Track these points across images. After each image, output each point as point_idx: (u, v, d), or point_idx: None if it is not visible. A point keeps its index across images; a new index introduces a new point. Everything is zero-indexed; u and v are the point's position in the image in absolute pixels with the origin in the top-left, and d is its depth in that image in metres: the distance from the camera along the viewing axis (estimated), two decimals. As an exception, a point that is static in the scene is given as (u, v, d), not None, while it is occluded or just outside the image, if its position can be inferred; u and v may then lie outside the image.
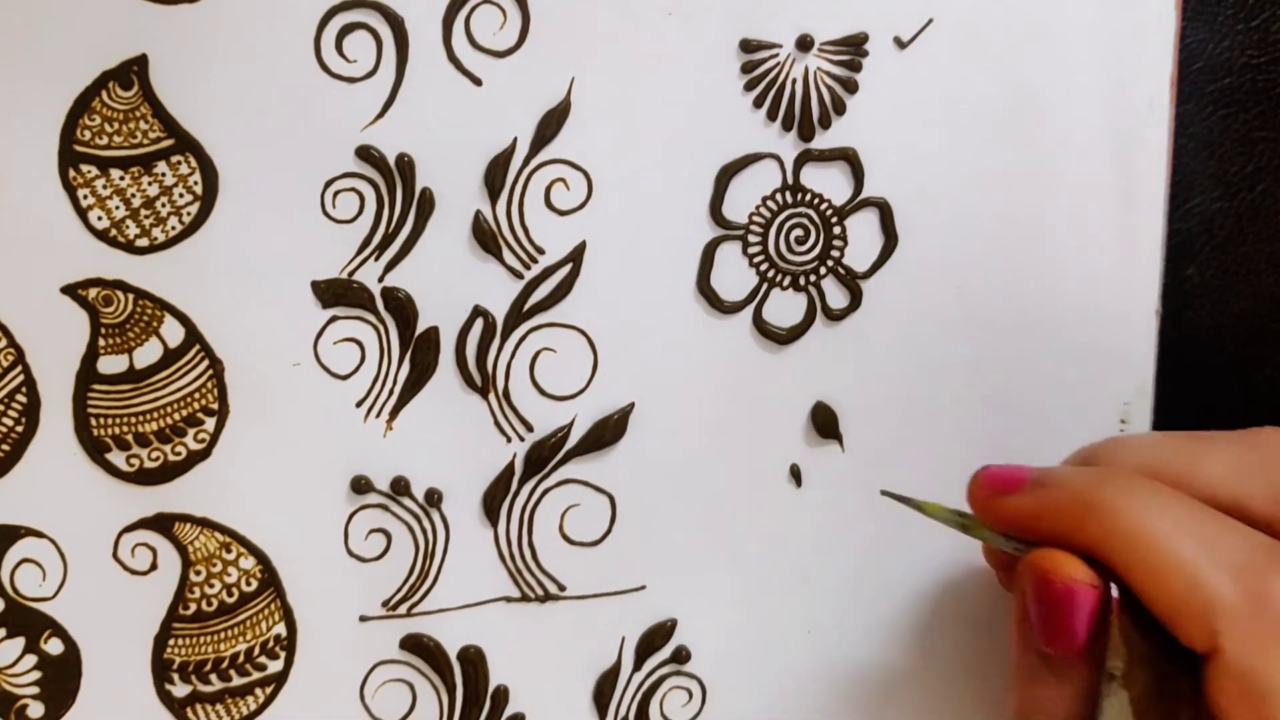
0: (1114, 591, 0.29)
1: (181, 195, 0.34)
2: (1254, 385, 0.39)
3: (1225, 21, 0.37)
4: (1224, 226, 0.38)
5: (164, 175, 0.34)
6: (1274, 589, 0.26)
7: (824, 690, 0.38)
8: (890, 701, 0.38)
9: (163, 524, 0.35)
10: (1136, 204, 0.36)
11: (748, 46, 0.34)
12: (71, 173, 0.33)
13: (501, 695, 0.37)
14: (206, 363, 0.35)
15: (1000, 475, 0.31)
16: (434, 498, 0.36)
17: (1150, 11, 0.35)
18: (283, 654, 0.36)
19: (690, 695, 0.38)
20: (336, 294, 0.35)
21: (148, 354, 0.34)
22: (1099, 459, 0.32)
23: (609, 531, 0.37)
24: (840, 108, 0.35)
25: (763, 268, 0.36)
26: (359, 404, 0.35)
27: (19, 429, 0.34)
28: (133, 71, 0.33)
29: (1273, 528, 0.28)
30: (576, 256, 0.35)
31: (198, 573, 0.36)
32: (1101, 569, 0.29)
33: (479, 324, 0.35)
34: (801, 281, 0.36)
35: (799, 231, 0.36)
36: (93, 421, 0.35)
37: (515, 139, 0.34)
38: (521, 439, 0.36)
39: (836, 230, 0.36)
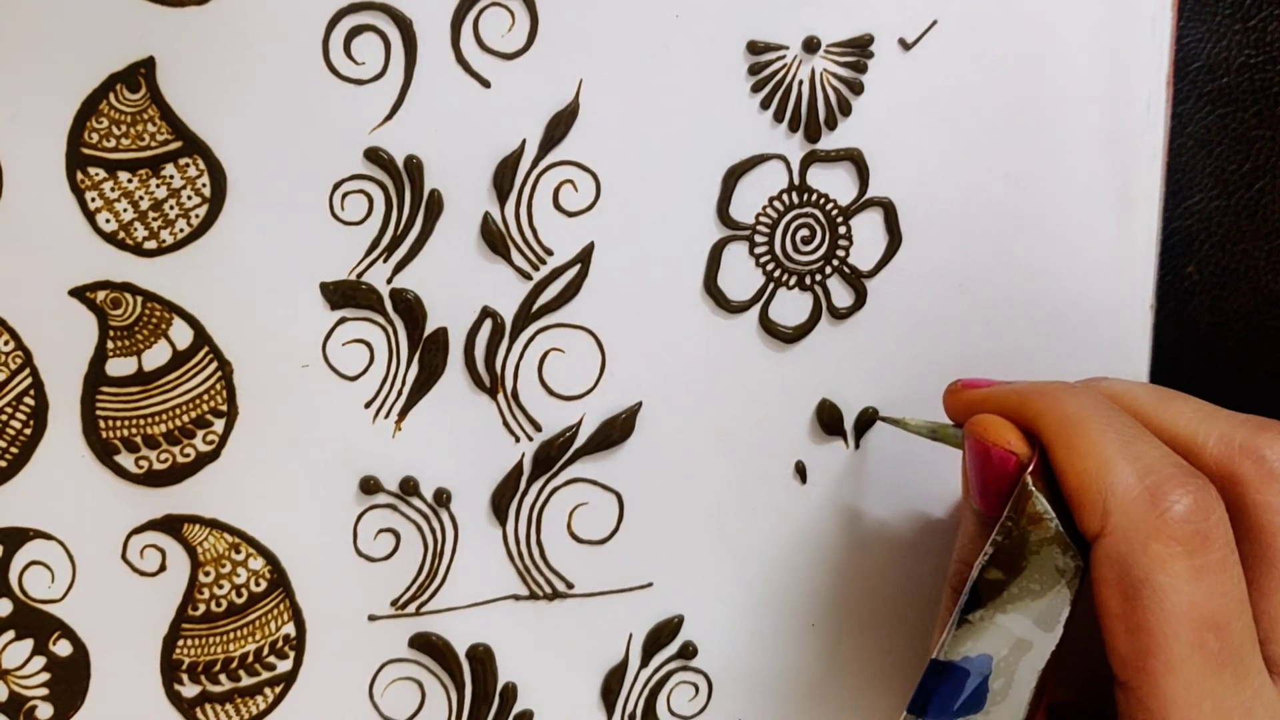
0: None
1: (190, 197, 0.34)
2: (1253, 382, 0.39)
3: (1223, 21, 0.37)
4: (1222, 224, 0.38)
5: (172, 178, 0.34)
6: (1171, 494, 0.27)
7: (829, 685, 0.39)
8: (895, 696, 0.39)
9: (171, 525, 0.35)
10: (1134, 202, 0.37)
11: (754, 48, 0.34)
12: (79, 175, 0.33)
13: (510, 692, 0.37)
14: (215, 364, 0.35)
15: (972, 379, 0.34)
16: (443, 497, 0.36)
17: (1146, 13, 0.36)
18: (292, 654, 0.37)
19: (697, 690, 0.38)
20: (345, 295, 0.35)
21: (156, 356, 0.34)
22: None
23: (616, 530, 0.37)
24: (846, 109, 0.35)
25: (769, 267, 0.36)
26: (368, 405, 0.35)
27: (27, 431, 0.34)
28: (140, 74, 0.33)
29: (1219, 478, 0.29)
30: (585, 257, 0.35)
31: (207, 573, 0.36)
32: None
33: (488, 325, 0.35)
34: (807, 281, 0.36)
35: (805, 231, 0.36)
36: (101, 424, 0.35)
37: (524, 141, 0.34)
38: (530, 439, 0.36)
39: (842, 230, 0.36)
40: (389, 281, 0.35)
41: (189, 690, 0.36)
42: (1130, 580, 0.27)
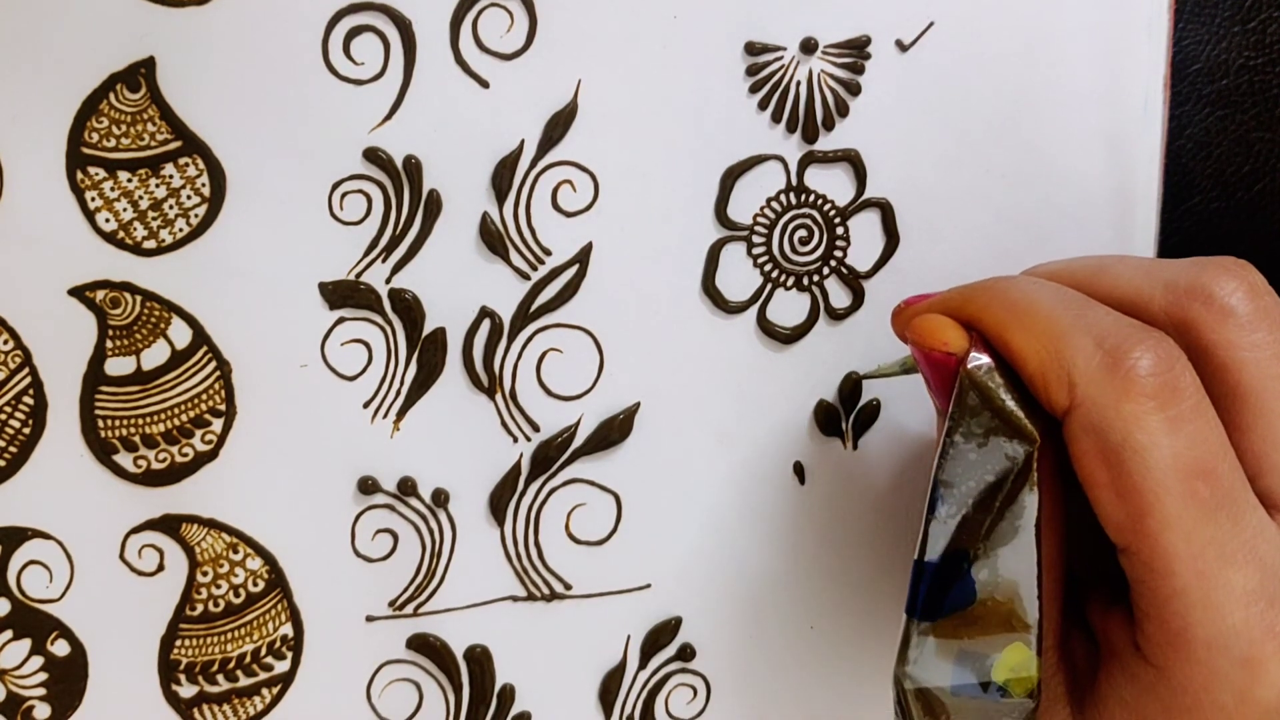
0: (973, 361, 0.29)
1: (189, 197, 0.34)
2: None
3: (1222, 23, 0.37)
4: (1222, 226, 0.38)
5: (171, 177, 0.34)
6: (1132, 353, 0.27)
7: (827, 687, 0.39)
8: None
9: (170, 525, 0.35)
10: (1132, 203, 0.37)
11: (752, 49, 0.35)
12: (79, 175, 0.33)
13: (508, 694, 0.37)
14: (214, 364, 0.35)
15: (914, 295, 0.33)
16: (441, 498, 0.36)
17: (1143, 15, 0.36)
18: (289, 654, 0.37)
19: (695, 692, 0.38)
20: (344, 295, 0.35)
21: (155, 355, 0.35)
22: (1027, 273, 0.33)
23: (614, 530, 0.37)
24: (843, 109, 0.35)
25: (767, 268, 0.36)
26: (366, 405, 0.35)
27: (26, 431, 0.34)
28: (140, 74, 0.33)
29: (1172, 327, 0.29)
30: (583, 257, 0.35)
31: (205, 573, 0.36)
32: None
33: (486, 325, 0.35)
34: (805, 281, 0.36)
35: (802, 232, 0.36)
36: (100, 423, 0.35)
37: (522, 141, 0.34)
38: (528, 439, 0.36)
39: (839, 230, 0.36)
40: (388, 281, 0.35)
41: (186, 690, 0.36)
42: (1109, 445, 0.27)
